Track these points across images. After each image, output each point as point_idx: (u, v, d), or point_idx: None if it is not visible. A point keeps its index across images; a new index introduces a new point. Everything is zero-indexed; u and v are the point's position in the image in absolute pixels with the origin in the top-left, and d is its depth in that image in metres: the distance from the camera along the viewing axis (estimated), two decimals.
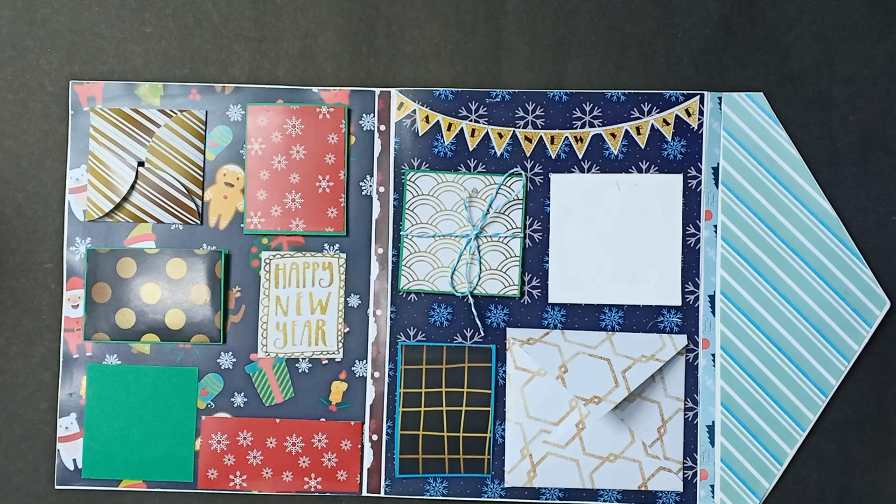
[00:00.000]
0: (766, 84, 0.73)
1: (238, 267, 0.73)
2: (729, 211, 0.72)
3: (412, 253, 0.73)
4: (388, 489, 0.72)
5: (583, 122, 0.73)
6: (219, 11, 0.74)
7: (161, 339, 0.72)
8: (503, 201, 0.73)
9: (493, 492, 0.72)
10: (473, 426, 0.72)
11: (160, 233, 0.73)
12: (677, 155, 0.73)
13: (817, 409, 0.71)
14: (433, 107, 0.73)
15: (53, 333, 0.73)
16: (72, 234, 0.73)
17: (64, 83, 0.74)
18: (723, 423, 0.72)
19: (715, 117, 0.73)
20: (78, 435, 0.72)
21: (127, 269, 0.72)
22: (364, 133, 0.73)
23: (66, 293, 0.73)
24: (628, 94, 0.73)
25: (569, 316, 0.72)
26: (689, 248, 0.72)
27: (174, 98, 0.73)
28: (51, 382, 0.73)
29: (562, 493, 0.72)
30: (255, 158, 0.73)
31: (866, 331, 0.71)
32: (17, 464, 0.73)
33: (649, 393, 0.72)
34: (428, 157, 0.73)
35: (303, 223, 0.73)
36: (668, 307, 0.72)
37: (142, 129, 0.73)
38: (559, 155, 0.73)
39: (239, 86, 0.73)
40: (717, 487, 0.71)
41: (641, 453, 0.72)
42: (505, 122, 0.73)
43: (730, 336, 0.72)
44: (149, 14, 0.74)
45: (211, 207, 0.73)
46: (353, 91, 0.73)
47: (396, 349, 0.72)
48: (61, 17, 0.74)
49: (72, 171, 0.73)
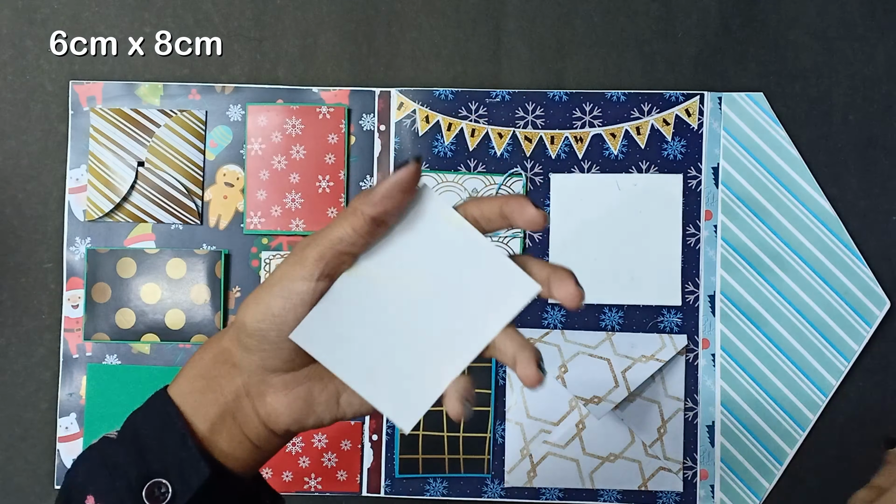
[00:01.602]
0: (766, 84, 0.73)
1: (238, 267, 0.73)
2: (729, 211, 0.72)
3: None
4: (388, 489, 0.72)
5: (583, 122, 0.73)
6: (219, 11, 0.74)
7: (161, 339, 0.72)
8: None
9: (493, 492, 0.72)
10: (473, 426, 0.72)
11: (160, 233, 0.73)
12: (677, 155, 0.73)
13: (817, 409, 0.71)
14: (433, 107, 0.73)
15: (53, 333, 0.73)
16: (72, 234, 0.73)
17: (64, 83, 0.74)
18: (723, 423, 0.72)
19: (715, 117, 0.73)
20: (78, 435, 0.72)
21: (127, 269, 0.72)
22: (364, 133, 0.73)
23: (66, 293, 0.73)
24: (628, 94, 0.73)
25: (569, 316, 0.72)
26: (689, 248, 0.72)
27: (174, 98, 0.73)
28: (51, 382, 0.73)
29: (562, 494, 0.72)
30: (255, 158, 0.73)
31: (866, 331, 0.71)
32: (17, 464, 0.73)
33: (649, 393, 0.72)
34: (428, 157, 0.73)
35: (303, 223, 0.73)
36: (668, 307, 0.72)
37: (142, 129, 0.73)
38: (559, 155, 0.73)
39: (239, 86, 0.73)
40: (717, 487, 0.71)
41: (641, 453, 0.72)
42: (505, 122, 0.73)
43: (730, 336, 0.72)
44: (149, 14, 0.74)
45: (211, 207, 0.73)
46: (353, 91, 0.73)
47: None
48: (61, 17, 0.74)
49: (72, 171, 0.73)
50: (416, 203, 0.38)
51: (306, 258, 0.37)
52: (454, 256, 0.38)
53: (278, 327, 0.37)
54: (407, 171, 0.36)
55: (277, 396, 0.39)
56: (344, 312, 0.38)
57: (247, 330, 0.38)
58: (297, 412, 0.39)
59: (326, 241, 0.37)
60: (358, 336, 0.38)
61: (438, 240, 0.38)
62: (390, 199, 0.36)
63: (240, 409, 0.40)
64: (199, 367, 0.40)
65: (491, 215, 0.37)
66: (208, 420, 0.39)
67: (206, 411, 0.39)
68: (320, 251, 0.37)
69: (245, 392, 0.39)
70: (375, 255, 0.38)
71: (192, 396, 0.39)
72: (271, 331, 0.37)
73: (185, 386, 0.40)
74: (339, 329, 0.38)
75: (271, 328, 0.37)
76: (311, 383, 0.40)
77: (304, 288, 0.37)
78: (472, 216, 0.38)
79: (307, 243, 0.38)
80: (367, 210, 0.36)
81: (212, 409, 0.39)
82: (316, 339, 0.38)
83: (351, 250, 0.37)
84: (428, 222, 0.38)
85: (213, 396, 0.39)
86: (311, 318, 0.38)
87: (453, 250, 0.38)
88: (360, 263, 0.38)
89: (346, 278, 0.38)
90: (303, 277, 0.37)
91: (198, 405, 0.39)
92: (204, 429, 0.39)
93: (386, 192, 0.36)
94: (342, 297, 0.38)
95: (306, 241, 0.38)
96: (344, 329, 0.38)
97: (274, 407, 0.39)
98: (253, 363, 0.39)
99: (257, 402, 0.39)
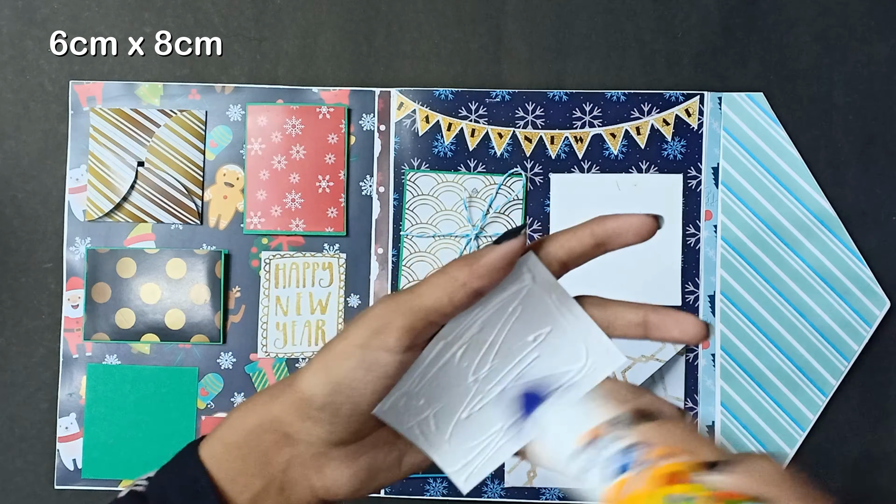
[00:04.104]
0: (766, 84, 0.73)
1: (238, 267, 0.73)
2: (729, 211, 0.72)
3: (412, 253, 0.73)
4: (387, 489, 0.72)
5: (583, 122, 0.73)
6: (219, 11, 0.74)
7: (161, 339, 0.72)
8: (503, 201, 0.73)
9: (493, 492, 0.72)
10: None
11: (160, 233, 0.73)
12: (677, 155, 0.73)
13: (817, 409, 0.71)
14: (433, 107, 0.73)
15: (53, 333, 0.73)
16: (72, 234, 0.73)
17: (64, 83, 0.74)
18: (723, 423, 0.72)
19: (715, 117, 0.73)
20: (78, 435, 0.72)
21: (127, 269, 0.72)
22: (364, 133, 0.73)
23: (66, 293, 0.73)
24: (628, 94, 0.73)
25: None
26: (689, 248, 0.72)
27: (174, 98, 0.73)
28: (51, 382, 0.73)
29: (562, 494, 0.72)
30: (255, 158, 0.73)
31: (866, 331, 0.71)
32: (17, 464, 0.73)
33: None
34: (428, 157, 0.73)
35: (303, 223, 0.73)
36: (667, 307, 0.72)
37: (142, 129, 0.73)
38: (559, 155, 0.73)
39: (239, 86, 0.73)
40: None
41: None
42: (505, 122, 0.73)
43: (730, 336, 0.72)
44: (149, 14, 0.74)
45: (211, 207, 0.73)
46: (353, 91, 0.73)
47: None
48: (61, 17, 0.74)
49: (72, 171, 0.73)
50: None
51: (392, 327, 0.33)
52: (541, 321, 0.36)
53: (354, 401, 0.34)
54: (517, 242, 0.33)
55: (339, 469, 0.36)
56: (425, 381, 0.36)
57: (315, 403, 0.34)
58: (360, 482, 0.37)
59: (419, 310, 0.33)
60: (436, 403, 0.36)
61: (527, 303, 0.36)
62: (497, 271, 0.33)
63: (289, 482, 0.36)
64: (240, 433, 0.36)
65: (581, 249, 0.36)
66: (249, 492, 0.36)
67: (247, 482, 0.36)
68: (411, 321, 0.33)
69: (299, 463, 0.36)
70: (459, 317, 0.35)
71: (229, 464, 0.36)
72: (345, 405, 0.34)
73: (220, 450, 0.36)
74: (421, 399, 0.36)
75: (346, 402, 0.34)
76: (375, 451, 0.37)
77: (389, 360, 0.34)
78: (559, 258, 0.35)
79: (392, 307, 0.34)
80: (473, 283, 0.33)
81: (255, 482, 0.36)
82: (400, 413, 0.36)
83: (444, 321, 0.34)
84: (518, 283, 0.35)
85: (256, 467, 0.36)
86: (398, 391, 0.35)
87: (541, 314, 0.36)
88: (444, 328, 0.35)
89: (432, 346, 0.35)
90: (388, 349, 0.33)
91: (237, 475, 0.36)
92: (243, 500, 0.36)
93: (493, 265, 0.33)
94: (425, 366, 0.35)
95: (389, 304, 0.34)
96: (424, 398, 0.36)
97: (334, 479, 0.36)
98: (316, 436, 0.35)
99: (314, 475, 0.36)
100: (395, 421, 0.36)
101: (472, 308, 0.35)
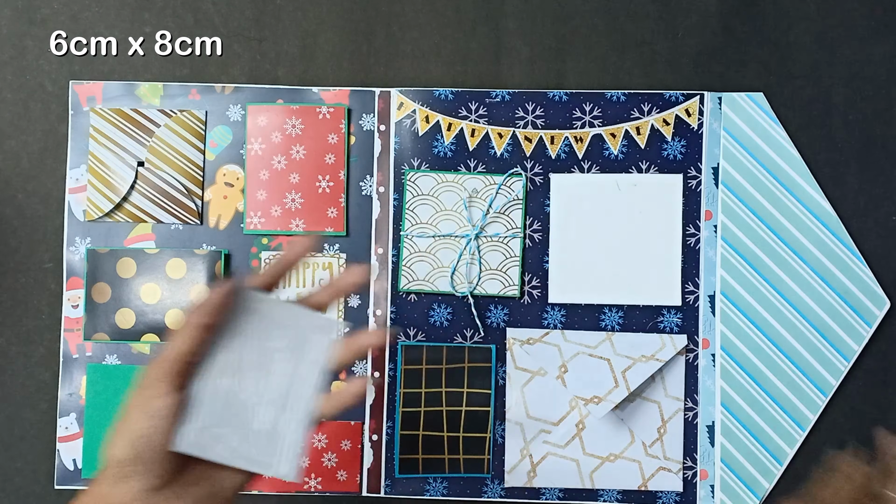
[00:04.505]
0: (766, 84, 0.73)
1: (238, 267, 0.73)
2: (729, 211, 0.72)
3: (412, 253, 0.73)
4: (388, 489, 0.72)
5: (583, 122, 0.73)
6: (219, 11, 0.74)
7: (161, 339, 0.72)
8: (503, 201, 0.73)
9: (493, 492, 0.72)
10: (473, 426, 0.72)
11: (160, 233, 0.73)
12: (677, 155, 0.73)
13: (817, 409, 0.71)
14: (433, 107, 0.73)
15: (53, 333, 0.73)
16: (72, 234, 0.73)
17: (64, 83, 0.74)
18: (723, 423, 0.72)
19: (715, 117, 0.73)
20: (78, 435, 0.72)
21: (127, 269, 0.72)
22: (364, 133, 0.73)
23: (66, 293, 0.73)
24: (628, 94, 0.73)
25: (569, 316, 0.72)
26: (689, 248, 0.72)
27: (174, 98, 0.73)
28: (51, 382, 0.73)
29: (562, 494, 0.72)
30: (255, 158, 0.73)
31: (866, 331, 0.71)
32: (17, 464, 0.73)
33: (649, 393, 0.72)
34: (428, 157, 0.73)
35: (303, 223, 0.73)
36: (667, 307, 0.72)
37: (142, 129, 0.73)
38: (559, 155, 0.73)
39: (239, 86, 0.73)
40: (717, 487, 0.71)
41: (641, 453, 0.72)
42: (505, 122, 0.73)
43: (730, 336, 0.72)
44: (149, 14, 0.74)
45: (211, 207, 0.73)
46: (353, 91, 0.73)
47: (396, 349, 0.72)
48: (61, 17, 0.74)
49: (72, 171, 0.73)
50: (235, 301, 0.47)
51: (156, 378, 0.43)
52: (271, 328, 0.47)
53: (151, 446, 0.42)
54: (225, 283, 0.45)
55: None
56: (215, 411, 0.45)
57: (125, 461, 0.41)
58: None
59: (169, 358, 0.43)
60: (230, 425, 0.46)
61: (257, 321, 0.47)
62: (217, 306, 0.44)
63: None
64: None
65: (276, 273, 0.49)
66: None
67: None
68: (167, 368, 0.43)
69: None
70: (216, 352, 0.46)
71: None
72: (146, 451, 0.42)
73: None
74: (218, 426, 0.45)
75: (146, 448, 0.41)
76: (198, 486, 0.44)
77: (163, 403, 0.42)
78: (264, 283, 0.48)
79: (152, 365, 0.43)
80: (202, 320, 0.43)
81: None
82: (204, 445, 0.45)
83: (196, 359, 0.44)
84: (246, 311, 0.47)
85: None
86: (185, 424, 0.44)
87: (268, 324, 0.47)
88: (206, 362, 0.46)
89: (199, 381, 0.46)
90: (159, 395, 0.42)
91: None
92: None
93: (211, 303, 0.44)
94: (209, 399, 0.45)
95: (150, 364, 0.44)
96: (220, 425, 0.45)
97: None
98: (137, 489, 0.41)
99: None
100: (202, 452, 0.45)
101: (229, 343, 0.46)
